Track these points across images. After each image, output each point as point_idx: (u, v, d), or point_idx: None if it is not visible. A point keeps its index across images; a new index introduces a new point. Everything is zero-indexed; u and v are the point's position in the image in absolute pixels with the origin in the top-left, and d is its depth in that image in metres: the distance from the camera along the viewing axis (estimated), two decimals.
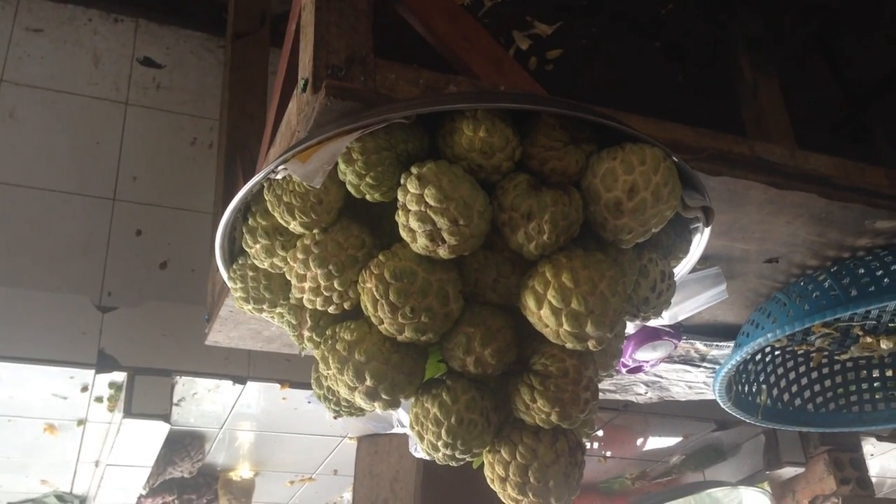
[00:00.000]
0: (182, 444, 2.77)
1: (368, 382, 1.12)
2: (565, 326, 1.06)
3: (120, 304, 2.24)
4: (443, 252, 1.06)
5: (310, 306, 1.19)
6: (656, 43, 3.25)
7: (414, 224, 1.05)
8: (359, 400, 1.15)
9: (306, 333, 1.25)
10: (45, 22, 2.70)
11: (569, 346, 1.09)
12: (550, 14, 3.07)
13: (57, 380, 2.42)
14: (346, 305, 1.17)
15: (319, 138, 1.05)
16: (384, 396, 1.14)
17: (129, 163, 2.61)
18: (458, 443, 1.13)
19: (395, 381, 1.13)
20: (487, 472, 1.19)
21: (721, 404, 1.81)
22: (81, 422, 2.63)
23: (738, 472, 3.31)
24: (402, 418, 1.86)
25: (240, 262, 1.33)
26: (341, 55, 1.16)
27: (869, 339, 1.86)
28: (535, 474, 1.14)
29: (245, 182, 1.73)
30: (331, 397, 1.28)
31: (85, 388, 2.29)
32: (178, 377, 2.12)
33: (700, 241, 1.33)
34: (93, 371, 2.12)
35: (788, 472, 3.12)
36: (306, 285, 1.16)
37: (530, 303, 1.09)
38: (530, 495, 1.15)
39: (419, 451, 1.91)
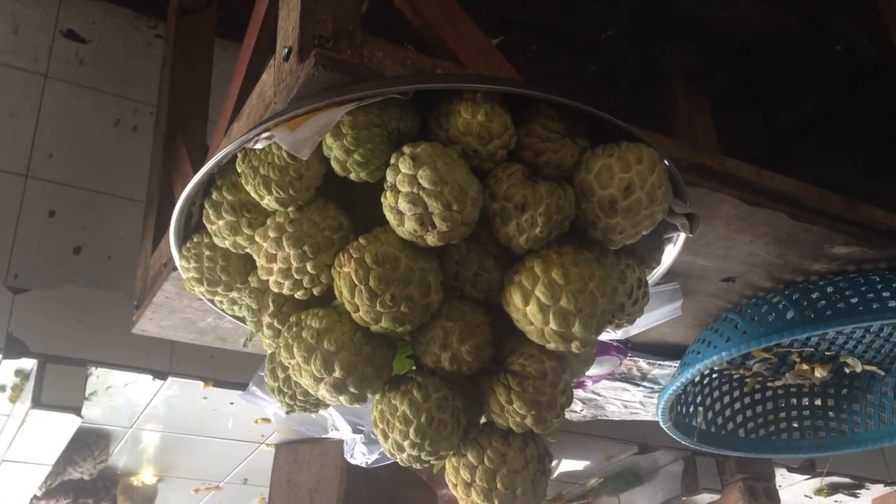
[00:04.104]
0: (86, 442, 2.58)
1: (337, 374, 1.05)
2: (552, 325, 1.02)
3: (33, 286, 2.07)
4: (431, 238, 1.00)
5: (276, 289, 1.10)
6: (592, 67, 3.28)
7: (404, 206, 0.99)
8: (324, 392, 1.08)
9: (266, 319, 1.16)
10: None
11: (552, 346, 1.04)
12: (493, 29, 3.06)
13: None
14: (315, 291, 1.10)
15: (313, 106, 0.97)
16: (352, 390, 1.07)
17: (46, 139, 2.45)
18: (426, 443, 1.06)
19: (364, 373, 1.06)
20: (450, 476, 1.13)
21: (661, 424, 1.80)
22: None
23: (653, 498, 3.33)
24: (337, 423, 1.77)
25: (195, 239, 1.23)
26: (328, 26, 1.10)
27: (805, 367, 1.89)
28: (504, 480, 1.09)
29: (191, 160, 1.64)
30: (286, 391, 1.19)
31: None
32: (94, 368, 1.96)
33: (673, 251, 1.31)
34: None
35: (704, 498, 3.17)
36: (276, 266, 1.08)
37: (516, 298, 1.03)
38: (496, 502, 1.09)
39: (355, 456, 1.83)
